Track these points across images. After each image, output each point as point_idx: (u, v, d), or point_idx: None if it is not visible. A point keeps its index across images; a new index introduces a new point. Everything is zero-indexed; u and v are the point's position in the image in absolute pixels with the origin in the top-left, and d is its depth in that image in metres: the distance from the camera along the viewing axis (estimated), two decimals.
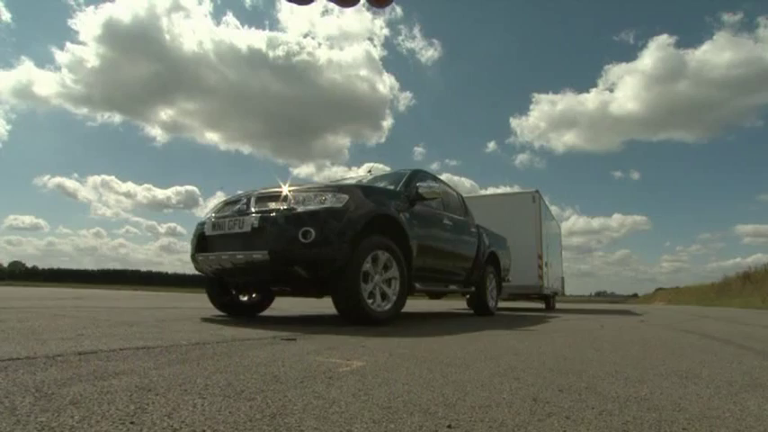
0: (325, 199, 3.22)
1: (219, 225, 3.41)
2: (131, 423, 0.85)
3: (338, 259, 3.09)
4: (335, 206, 3.17)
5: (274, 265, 3.06)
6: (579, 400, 1.20)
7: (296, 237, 3.00)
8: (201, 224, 3.66)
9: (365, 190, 3.65)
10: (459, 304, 10.90)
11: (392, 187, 4.25)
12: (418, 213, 4.15)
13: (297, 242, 2.99)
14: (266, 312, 4.87)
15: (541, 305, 11.89)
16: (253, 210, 3.37)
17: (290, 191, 3.38)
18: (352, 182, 4.72)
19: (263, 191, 3.54)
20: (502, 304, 12.49)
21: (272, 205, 3.32)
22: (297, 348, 1.94)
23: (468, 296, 6.72)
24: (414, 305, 9.64)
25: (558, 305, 13.36)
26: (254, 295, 4.38)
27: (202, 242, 3.60)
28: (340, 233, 3.10)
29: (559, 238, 14.18)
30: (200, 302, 6.66)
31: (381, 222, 3.57)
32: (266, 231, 3.10)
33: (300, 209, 3.17)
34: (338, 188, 3.41)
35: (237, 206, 3.53)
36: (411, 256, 3.82)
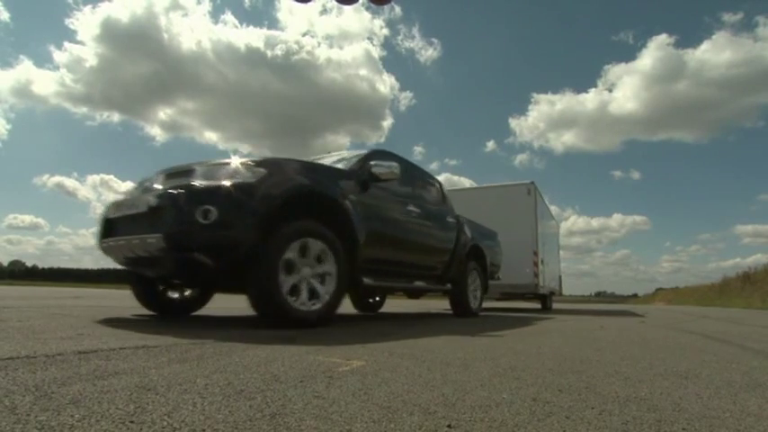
0: (237, 173, 2.70)
1: (122, 205, 2.91)
2: (131, 422, 0.85)
3: (242, 244, 2.58)
4: (246, 181, 2.64)
5: (171, 250, 2.55)
6: (579, 400, 1.20)
7: (194, 216, 2.47)
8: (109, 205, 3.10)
9: (298, 166, 3.07)
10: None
11: (342, 166, 3.67)
12: (373, 197, 3.61)
13: (195, 223, 2.47)
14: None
15: (537, 305, 11.33)
16: (158, 187, 2.85)
17: (204, 165, 2.86)
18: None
19: (178, 166, 3.01)
20: (494, 305, 11.91)
21: (179, 181, 2.76)
22: (297, 348, 1.94)
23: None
24: (405, 306, 9.61)
25: (555, 305, 12.98)
26: (186, 292, 3.78)
27: (107, 226, 3.01)
28: (247, 213, 2.58)
29: (557, 234, 13.56)
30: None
31: (319, 205, 3.06)
32: (162, 211, 2.58)
33: (204, 184, 2.63)
34: (258, 161, 2.84)
35: (146, 184, 3.04)
36: (357, 246, 3.28)
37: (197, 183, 2.64)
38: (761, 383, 1.56)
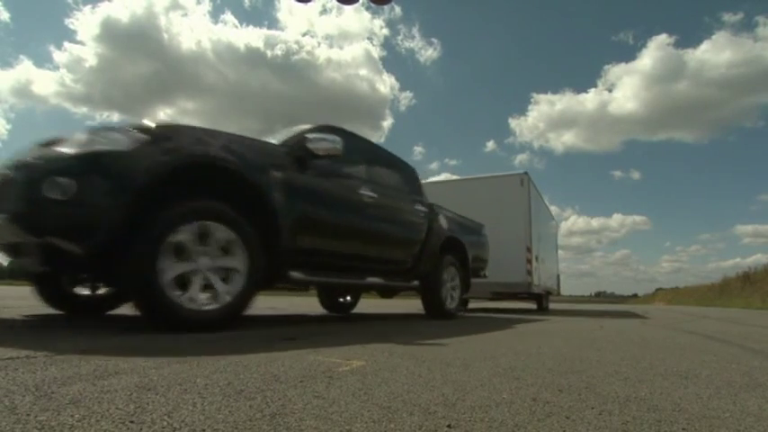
0: (113, 140, 2.18)
1: None
2: (131, 422, 0.85)
3: (107, 225, 2.09)
4: (115, 149, 2.14)
5: (24, 233, 2.13)
6: (579, 400, 1.20)
7: (44, 191, 2.01)
8: None
9: (196, 133, 2.50)
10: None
11: (274, 141, 3.13)
12: (311, 177, 3.12)
13: (46, 200, 2.01)
14: (266, 312, 4.86)
15: (532, 305, 10.56)
16: (26, 159, 2.32)
17: (86, 132, 2.28)
18: None
19: (57, 135, 2.43)
20: (486, 305, 11.52)
21: (45, 151, 2.28)
22: (297, 348, 1.94)
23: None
24: (389, 306, 9.58)
25: (552, 306, 12.52)
26: (99, 290, 3.34)
27: None
28: (115, 187, 2.11)
29: (554, 231, 12.97)
30: None
31: (226, 183, 2.57)
32: (9, 186, 2.18)
33: (65, 153, 2.15)
34: (144, 127, 2.33)
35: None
36: (280, 234, 2.78)
37: (58, 151, 2.17)
38: (761, 383, 1.56)
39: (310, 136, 3.13)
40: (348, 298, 5.76)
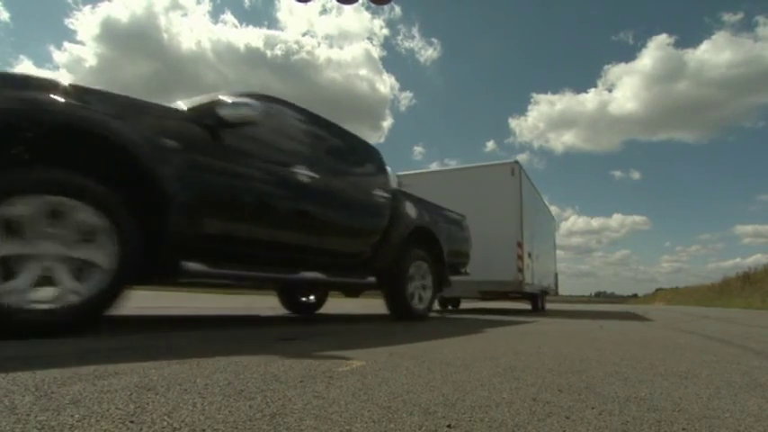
0: None
1: None
2: (131, 422, 0.85)
3: None
4: None
5: None
6: (579, 400, 1.20)
7: None
8: None
9: (84, 95, 2.08)
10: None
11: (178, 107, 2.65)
12: (226, 149, 2.65)
13: None
14: (266, 312, 4.86)
15: (527, 306, 9.98)
16: None
17: None
18: None
19: None
20: (477, 305, 11.22)
21: None
22: (297, 348, 1.94)
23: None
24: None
25: (550, 306, 12.11)
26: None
27: None
28: None
29: (552, 227, 12.25)
30: (202, 302, 6.67)
31: (94, 151, 2.08)
32: None
33: None
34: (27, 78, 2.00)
35: None
36: (169, 216, 2.29)
37: None
38: (761, 383, 1.56)
39: (222, 100, 2.64)
40: (312, 297, 5.21)
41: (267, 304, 6.77)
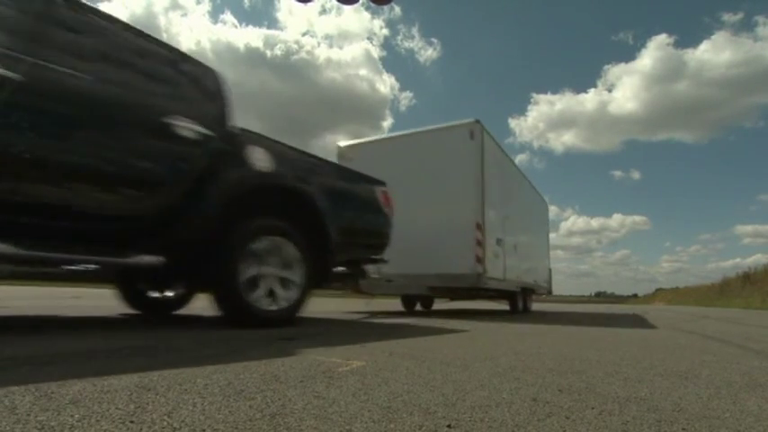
0: None
1: None
2: (131, 422, 0.85)
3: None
4: None
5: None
6: (579, 400, 1.20)
7: None
8: None
9: None
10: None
11: None
12: None
13: None
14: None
15: (505, 306, 8.00)
16: None
17: None
18: None
19: None
20: (447, 306, 8.88)
21: None
22: (297, 348, 1.94)
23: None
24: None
25: (542, 307, 10.96)
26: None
27: None
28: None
29: (540, 211, 10.17)
30: (199, 302, 6.66)
31: None
32: None
33: None
34: None
35: None
36: None
37: None
38: (761, 383, 1.56)
39: None
40: (169, 293, 3.89)
41: None
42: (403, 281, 5.77)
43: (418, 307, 7.95)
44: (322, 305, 7.11)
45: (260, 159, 2.93)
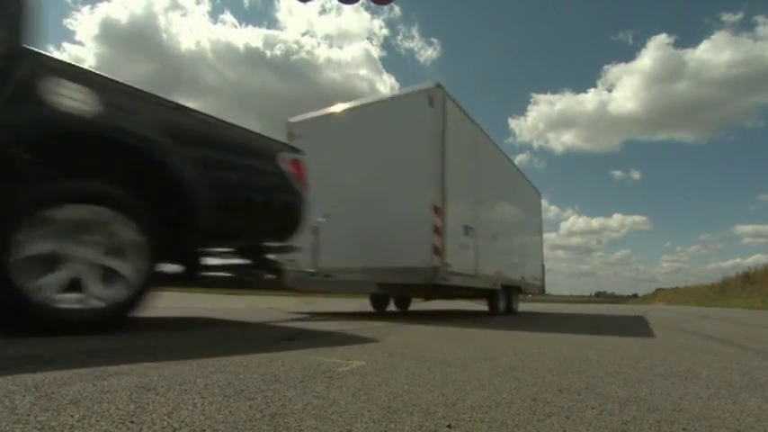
0: None
1: None
2: (131, 422, 0.85)
3: None
4: None
5: None
6: (579, 400, 1.20)
7: None
8: None
9: None
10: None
11: None
12: None
13: None
14: (266, 312, 4.85)
15: (483, 307, 6.93)
16: None
17: None
18: None
19: None
20: (427, 306, 8.07)
21: None
22: (297, 348, 1.94)
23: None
24: None
25: (534, 307, 10.19)
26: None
27: None
28: None
29: (530, 199, 9.08)
30: (199, 302, 6.67)
31: None
32: None
33: None
34: None
35: None
36: None
37: None
38: (761, 383, 1.56)
39: None
40: None
41: (268, 304, 6.77)
42: (345, 277, 4.85)
43: (392, 308, 7.12)
44: (340, 305, 7.09)
45: (76, 97, 2.11)
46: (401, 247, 4.67)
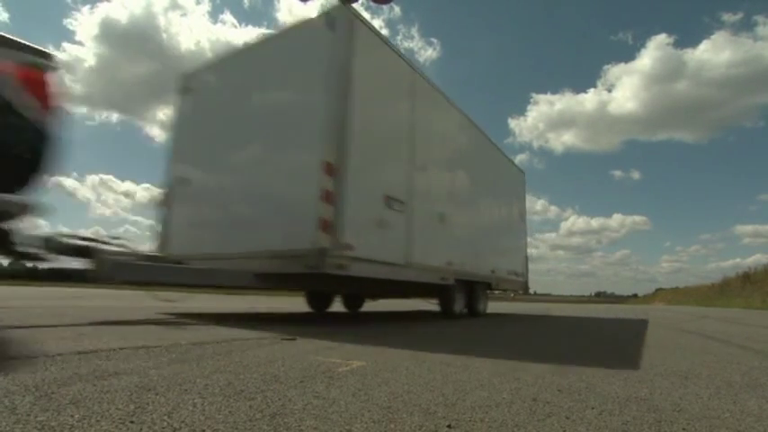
0: None
1: None
2: (131, 422, 0.85)
3: None
4: None
5: None
6: (579, 400, 1.20)
7: None
8: None
9: None
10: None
11: None
12: None
13: None
14: (266, 312, 4.85)
15: (434, 305, 5.38)
16: None
17: None
18: None
19: None
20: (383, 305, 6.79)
21: None
22: (297, 348, 1.94)
23: None
24: None
25: (534, 308, 9.11)
26: None
27: None
28: None
29: (509, 177, 7.42)
30: (195, 302, 6.66)
31: None
32: None
33: None
34: None
35: None
36: None
37: None
38: (761, 383, 1.56)
39: None
40: None
41: (268, 304, 6.77)
42: (207, 265, 3.49)
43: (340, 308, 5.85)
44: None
45: None
46: (281, 223, 3.36)
